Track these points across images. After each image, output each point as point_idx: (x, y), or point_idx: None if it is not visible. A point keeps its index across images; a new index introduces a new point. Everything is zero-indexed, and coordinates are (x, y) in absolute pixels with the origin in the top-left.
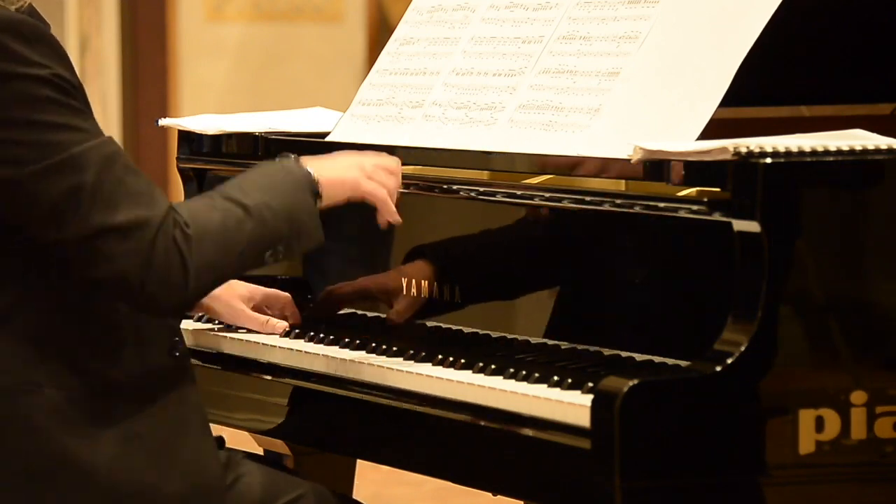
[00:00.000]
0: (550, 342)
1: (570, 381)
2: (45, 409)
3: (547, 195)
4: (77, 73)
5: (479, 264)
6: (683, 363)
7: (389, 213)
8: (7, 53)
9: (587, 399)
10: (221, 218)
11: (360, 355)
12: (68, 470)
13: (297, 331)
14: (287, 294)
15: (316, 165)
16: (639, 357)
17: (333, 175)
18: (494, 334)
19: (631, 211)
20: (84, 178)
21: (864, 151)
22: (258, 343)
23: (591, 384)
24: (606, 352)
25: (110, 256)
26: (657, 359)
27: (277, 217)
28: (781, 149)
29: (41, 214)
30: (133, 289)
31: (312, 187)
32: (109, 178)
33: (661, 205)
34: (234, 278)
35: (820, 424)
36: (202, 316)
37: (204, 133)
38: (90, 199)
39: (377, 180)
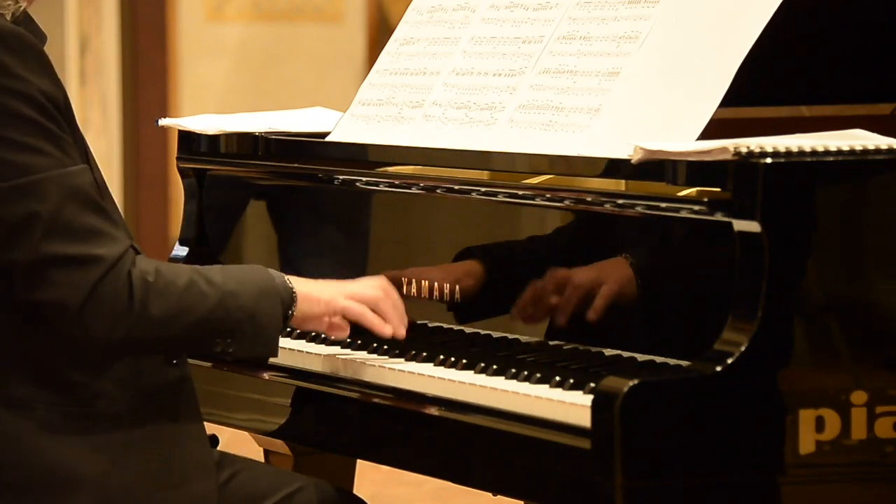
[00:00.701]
0: (552, 342)
1: (571, 381)
2: (33, 424)
3: (547, 195)
4: (77, 73)
5: (479, 264)
6: (684, 363)
7: (369, 323)
8: None
9: (588, 399)
10: (186, 284)
11: (360, 355)
12: (58, 481)
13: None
14: None
15: (298, 281)
16: (640, 357)
17: (310, 291)
18: (496, 334)
19: (631, 211)
20: (43, 206)
21: (864, 151)
22: None
23: (593, 384)
24: (608, 352)
25: (55, 283)
26: (658, 359)
27: (241, 310)
28: (781, 149)
29: None
30: (71, 318)
31: (287, 299)
32: (69, 210)
33: (662, 205)
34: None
35: (820, 424)
36: None
37: (204, 133)
38: (46, 227)
39: (357, 297)
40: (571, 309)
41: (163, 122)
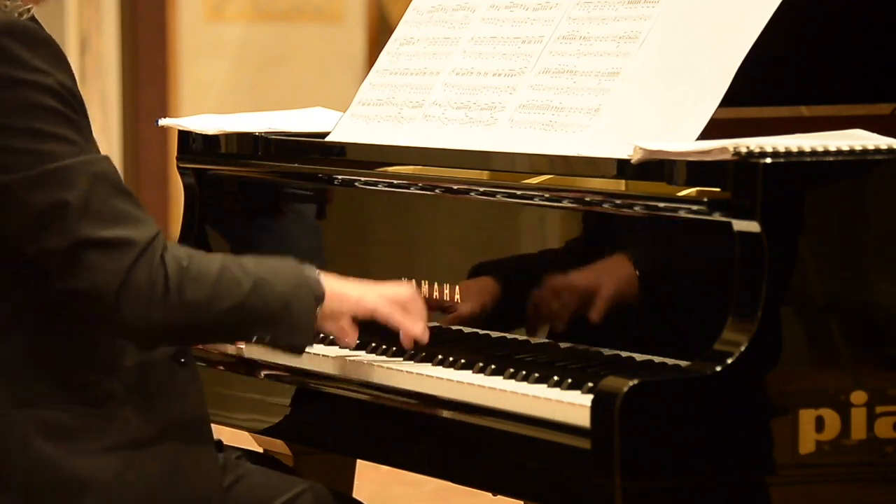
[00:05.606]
0: (550, 342)
1: (570, 381)
2: (41, 425)
3: (547, 195)
4: (77, 73)
5: (478, 264)
6: (683, 363)
7: (398, 322)
8: (8, 57)
9: (587, 399)
10: (219, 270)
11: (359, 356)
12: (65, 484)
13: None
14: None
15: (327, 278)
16: (639, 357)
17: (341, 289)
18: (494, 334)
19: (631, 211)
20: (73, 191)
21: (864, 151)
22: None
23: (591, 384)
24: (606, 352)
25: (91, 268)
26: (657, 359)
27: (276, 298)
28: (781, 149)
29: (26, 222)
30: (107, 305)
31: (318, 293)
32: (98, 195)
33: (661, 205)
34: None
35: (820, 424)
36: None
37: (204, 133)
38: (76, 212)
39: (387, 298)
40: (574, 311)
41: (163, 122)
